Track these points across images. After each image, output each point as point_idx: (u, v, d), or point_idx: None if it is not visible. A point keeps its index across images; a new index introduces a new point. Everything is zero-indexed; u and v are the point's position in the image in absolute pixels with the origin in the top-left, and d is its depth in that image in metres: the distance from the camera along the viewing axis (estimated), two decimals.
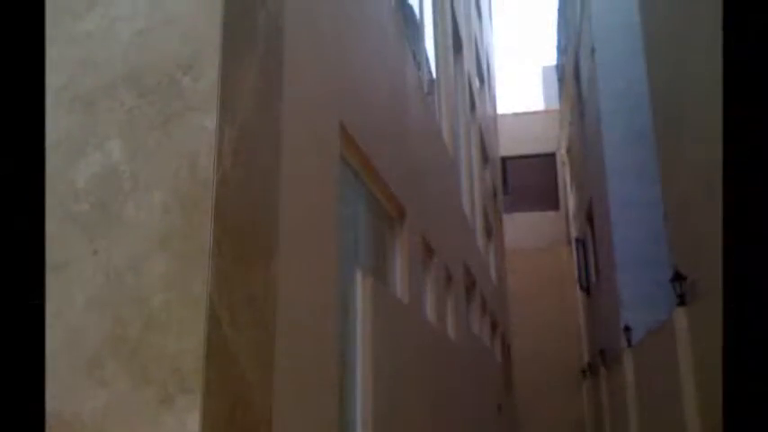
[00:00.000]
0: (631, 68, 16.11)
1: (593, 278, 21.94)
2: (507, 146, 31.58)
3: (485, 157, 21.38)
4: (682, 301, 9.46)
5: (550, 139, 32.09)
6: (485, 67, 23.19)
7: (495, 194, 24.46)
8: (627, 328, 14.43)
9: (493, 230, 22.18)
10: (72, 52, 3.21)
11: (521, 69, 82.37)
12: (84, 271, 2.92)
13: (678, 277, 9.44)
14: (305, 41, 4.34)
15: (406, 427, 6.54)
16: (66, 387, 2.80)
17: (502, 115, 32.26)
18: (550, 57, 63.54)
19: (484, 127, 21.15)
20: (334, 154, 4.83)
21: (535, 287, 29.17)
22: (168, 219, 2.92)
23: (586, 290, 23.53)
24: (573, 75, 22.80)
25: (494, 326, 19.99)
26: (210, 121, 2.99)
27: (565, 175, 30.37)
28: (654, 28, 10.70)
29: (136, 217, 2.94)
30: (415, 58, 9.18)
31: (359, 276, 5.55)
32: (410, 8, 9.70)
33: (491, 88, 26.70)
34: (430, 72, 11.39)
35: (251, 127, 3.34)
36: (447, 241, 10.86)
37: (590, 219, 20.95)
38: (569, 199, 28.74)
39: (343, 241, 5.28)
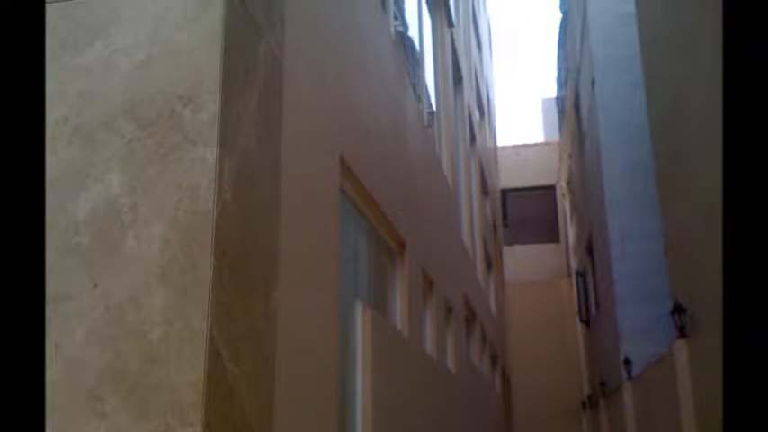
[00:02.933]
0: (631, 100, 16.16)
1: (593, 311, 21.87)
2: (507, 178, 31.66)
3: (485, 190, 21.41)
4: (682, 333, 9.42)
5: (550, 172, 32.16)
6: (485, 99, 23.29)
7: (494, 226, 24.45)
8: (627, 361, 14.37)
9: (493, 262, 22.15)
10: (72, 85, 3.23)
11: (520, 102, 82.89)
12: (84, 304, 2.91)
13: (678, 309, 9.40)
14: (305, 74, 4.37)
15: None
16: (65, 420, 2.78)
17: (502, 147, 32.37)
18: (550, 89, 63.91)
19: (484, 159, 21.19)
20: (334, 186, 4.83)
21: (535, 320, 29.07)
22: (168, 251, 2.91)
23: (586, 322, 23.45)
24: (573, 107, 22.90)
25: (493, 358, 19.89)
26: (210, 154, 2.99)
27: (565, 207, 30.40)
28: (654, 59, 10.77)
29: (136, 250, 2.94)
30: (415, 90, 9.22)
31: (359, 308, 5.54)
32: (410, 41, 9.76)
33: (491, 120, 26.80)
34: (430, 104, 11.44)
35: (251, 159, 3.34)
36: (447, 273, 10.83)
37: (590, 251, 20.93)
38: (569, 231, 28.74)
39: (344, 273, 5.27)
